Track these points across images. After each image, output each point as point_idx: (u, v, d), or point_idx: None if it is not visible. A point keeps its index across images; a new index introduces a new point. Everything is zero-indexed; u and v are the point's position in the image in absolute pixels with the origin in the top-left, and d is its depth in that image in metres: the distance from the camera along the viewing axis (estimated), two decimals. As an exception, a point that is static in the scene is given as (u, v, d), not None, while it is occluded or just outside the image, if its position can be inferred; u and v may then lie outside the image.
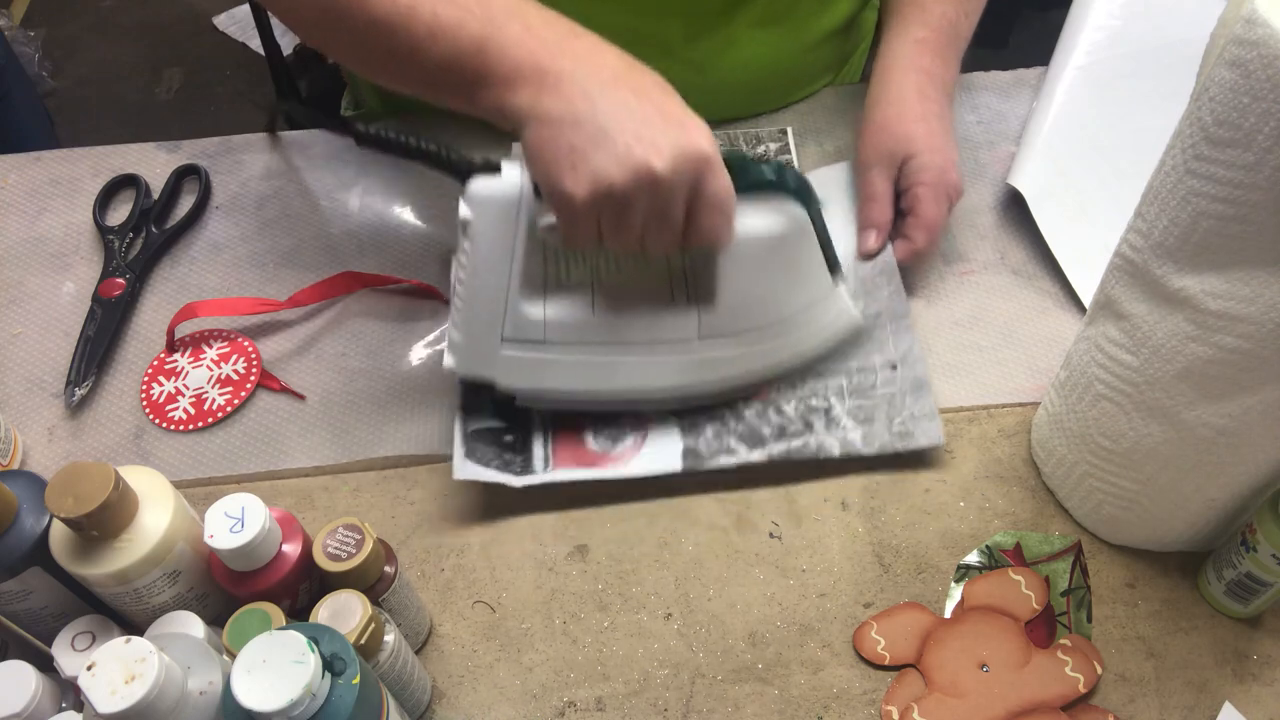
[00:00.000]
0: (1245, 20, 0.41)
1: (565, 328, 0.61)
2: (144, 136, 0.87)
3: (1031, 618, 0.58)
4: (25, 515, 0.50)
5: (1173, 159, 0.47)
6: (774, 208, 0.58)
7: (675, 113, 0.52)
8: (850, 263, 0.71)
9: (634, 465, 0.63)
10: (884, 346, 0.67)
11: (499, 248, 0.58)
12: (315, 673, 0.41)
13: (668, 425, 0.65)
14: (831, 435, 0.64)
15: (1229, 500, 0.56)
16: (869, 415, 0.65)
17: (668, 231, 0.54)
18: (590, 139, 0.50)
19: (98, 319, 0.73)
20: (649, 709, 0.56)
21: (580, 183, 0.51)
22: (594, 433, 0.64)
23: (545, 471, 0.63)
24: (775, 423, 0.65)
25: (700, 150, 0.51)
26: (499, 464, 0.63)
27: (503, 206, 0.57)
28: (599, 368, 0.62)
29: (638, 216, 0.52)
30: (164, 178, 0.83)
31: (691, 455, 0.64)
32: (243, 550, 0.49)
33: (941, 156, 0.68)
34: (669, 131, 0.51)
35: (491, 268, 0.58)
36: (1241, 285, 0.46)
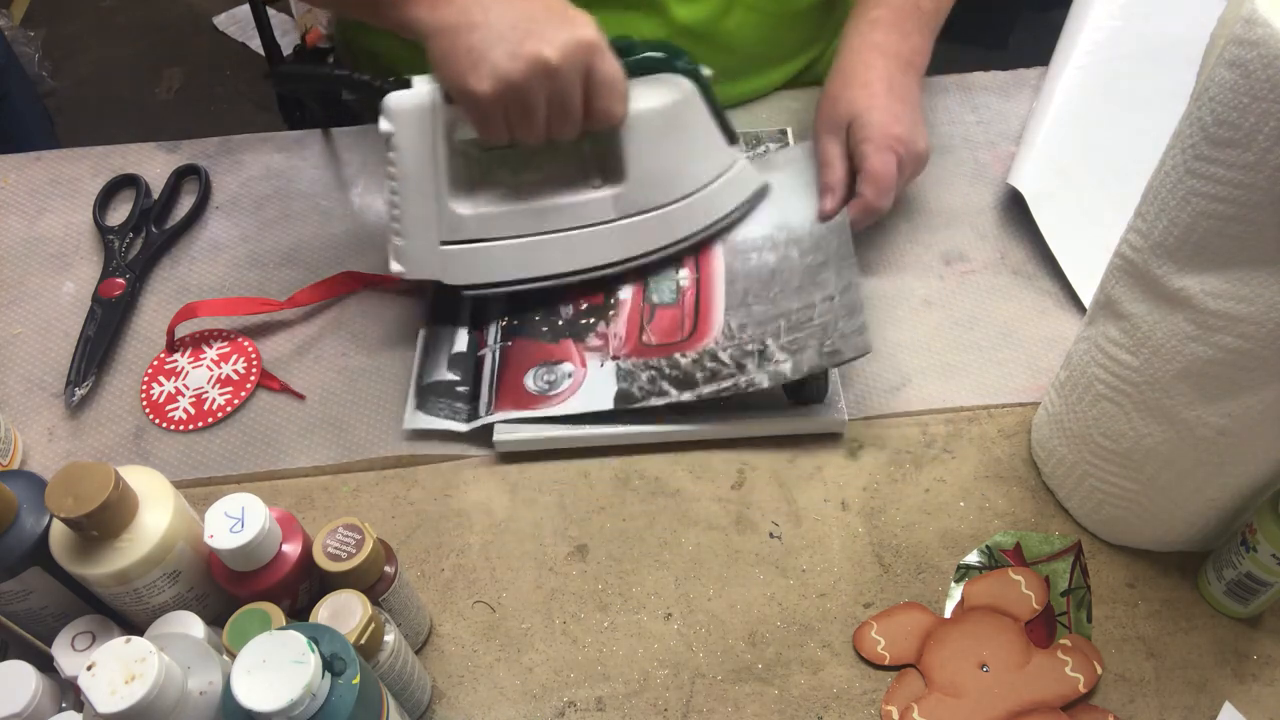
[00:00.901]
0: (1245, 20, 0.41)
1: (496, 221, 0.67)
2: (144, 136, 0.87)
3: (1031, 618, 0.58)
4: (25, 515, 0.50)
5: (1173, 159, 0.47)
6: (663, 83, 0.65)
7: (561, 9, 0.58)
8: (807, 225, 0.73)
9: (569, 405, 0.66)
10: (825, 285, 0.68)
11: (422, 155, 0.63)
12: (315, 673, 0.41)
13: (605, 372, 0.67)
14: (761, 371, 0.65)
15: (1229, 500, 0.56)
16: (801, 346, 0.65)
17: (569, 116, 0.60)
18: (487, 40, 0.57)
19: (98, 319, 0.73)
20: (649, 709, 0.57)
21: (483, 80, 0.57)
22: (534, 376, 0.68)
23: (486, 415, 0.66)
24: (709, 368, 0.66)
25: (587, 38, 0.57)
26: (449, 412, 0.67)
27: (418, 116, 0.62)
28: (532, 254, 0.68)
29: (539, 106, 0.58)
30: (164, 178, 0.83)
31: (623, 397, 0.66)
32: (243, 550, 0.49)
33: (883, 114, 0.70)
34: (558, 25, 0.57)
35: (418, 174, 0.64)
36: (1241, 285, 0.46)
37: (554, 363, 0.68)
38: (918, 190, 0.80)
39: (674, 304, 0.70)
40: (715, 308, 0.69)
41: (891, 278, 0.75)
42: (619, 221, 0.68)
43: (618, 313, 0.70)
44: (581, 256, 0.69)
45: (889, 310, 0.72)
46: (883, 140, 0.69)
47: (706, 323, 0.69)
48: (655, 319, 0.70)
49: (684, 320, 0.69)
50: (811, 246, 0.71)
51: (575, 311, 0.71)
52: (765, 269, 0.71)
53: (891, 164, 0.69)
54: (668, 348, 0.68)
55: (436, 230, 0.66)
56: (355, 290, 0.75)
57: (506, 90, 0.57)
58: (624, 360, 0.68)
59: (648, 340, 0.69)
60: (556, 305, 0.71)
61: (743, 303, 0.69)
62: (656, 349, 0.68)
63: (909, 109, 0.71)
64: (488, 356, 0.69)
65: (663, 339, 0.68)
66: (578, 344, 0.69)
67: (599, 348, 0.69)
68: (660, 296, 0.71)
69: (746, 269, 0.71)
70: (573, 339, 0.69)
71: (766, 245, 0.72)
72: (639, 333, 0.69)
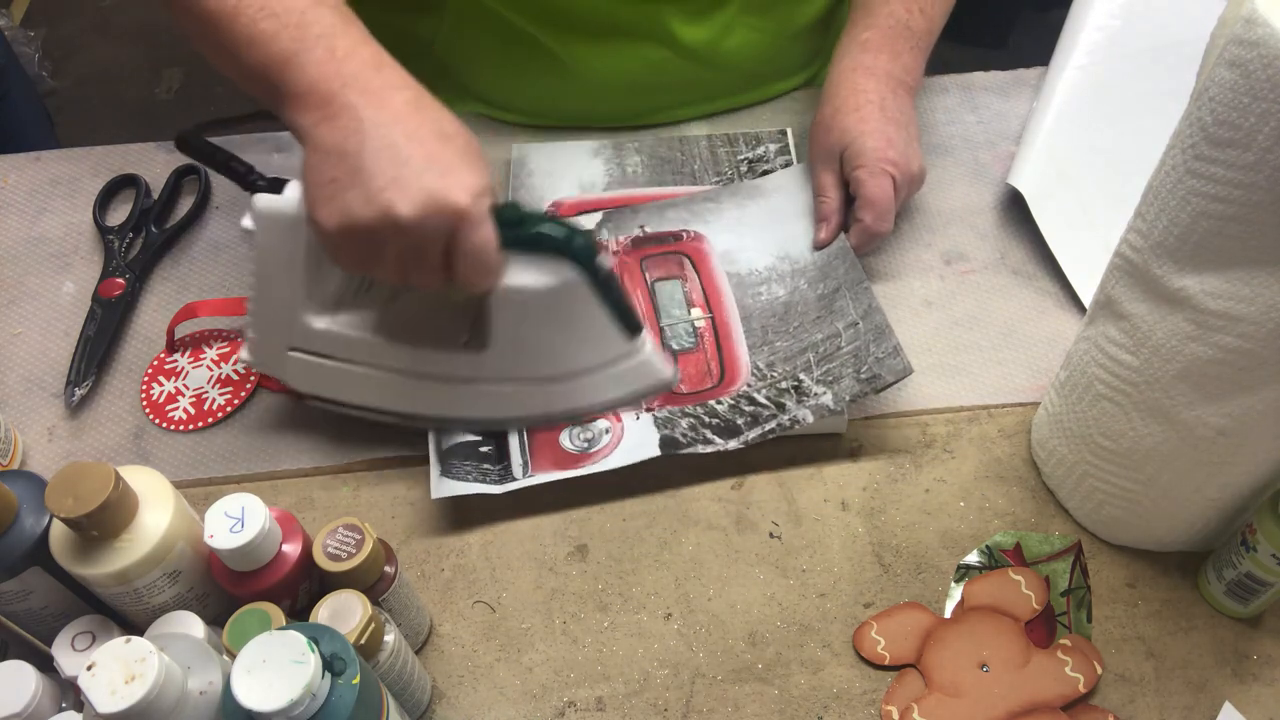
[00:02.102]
0: (1245, 20, 0.41)
1: (347, 344, 0.62)
2: (144, 136, 0.87)
3: (1031, 618, 0.58)
4: (25, 515, 0.50)
5: (1173, 159, 0.47)
6: (550, 265, 0.57)
7: (445, 160, 0.51)
8: (809, 254, 0.73)
9: (613, 460, 0.64)
10: (845, 313, 0.68)
11: (281, 261, 0.60)
12: (315, 673, 0.41)
13: (643, 424, 0.65)
14: (803, 407, 0.64)
15: (1229, 500, 0.56)
16: (837, 376, 0.65)
17: (425, 274, 0.53)
18: (348, 174, 0.51)
19: (98, 319, 0.73)
20: (649, 709, 0.56)
21: (330, 216, 0.51)
22: (570, 434, 0.65)
23: (525, 478, 0.63)
24: (749, 412, 0.65)
25: (451, 202, 0.50)
26: (476, 475, 0.63)
27: (282, 222, 0.58)
28: (379, 386, 0.63)
29: (387, 256, 0.52)
30: (164, 178, 0.83)
31: (668, 443, 0.64)
32: (243, 550, 0.49)
33: (876, 139, 0.70)
34: (426, 178, 0.50)
35: (276, 278, 0.61)
36: (1241, 285, 0.46)
37: (587, 422, 0.65)
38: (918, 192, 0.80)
39: (694, 349, 0.69)
40: (738, 349, 0.68)
41: (891, 278, 0.75)
42: (476, 384, 0.63)
43: None
44: (431, 404, 0.64)
45: (889, 310, 0.72)
46: (877, 165, 0.69)
47: (733, 366, 0.67)
48: (679, 365, 0.68)
49: (709, 365, 0.68)
50: (819, 276, 0.71)
51: None
52: (778, 303, 0.70)
53: (888, 188, 0.69)
54: (700, 395, 0.66)
55: (285, 335, 0.63)
56: (355, 290, 0.75)
57: (351, 232, 0.51)
58: (659, 410, 0.66)
59: (678, 389, 0.67)
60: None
61: (764, 340, 0.68)
62: (689, 397, 0.66)
63: (901, 131, 0.71)
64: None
65: (693, 386, 0.67)
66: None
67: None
68: (679, 343, 0.69)
69: (759, 305, 0.70)
70: None
71: (773, 277, 0.72)
72: None
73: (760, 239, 0.74)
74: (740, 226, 0.75)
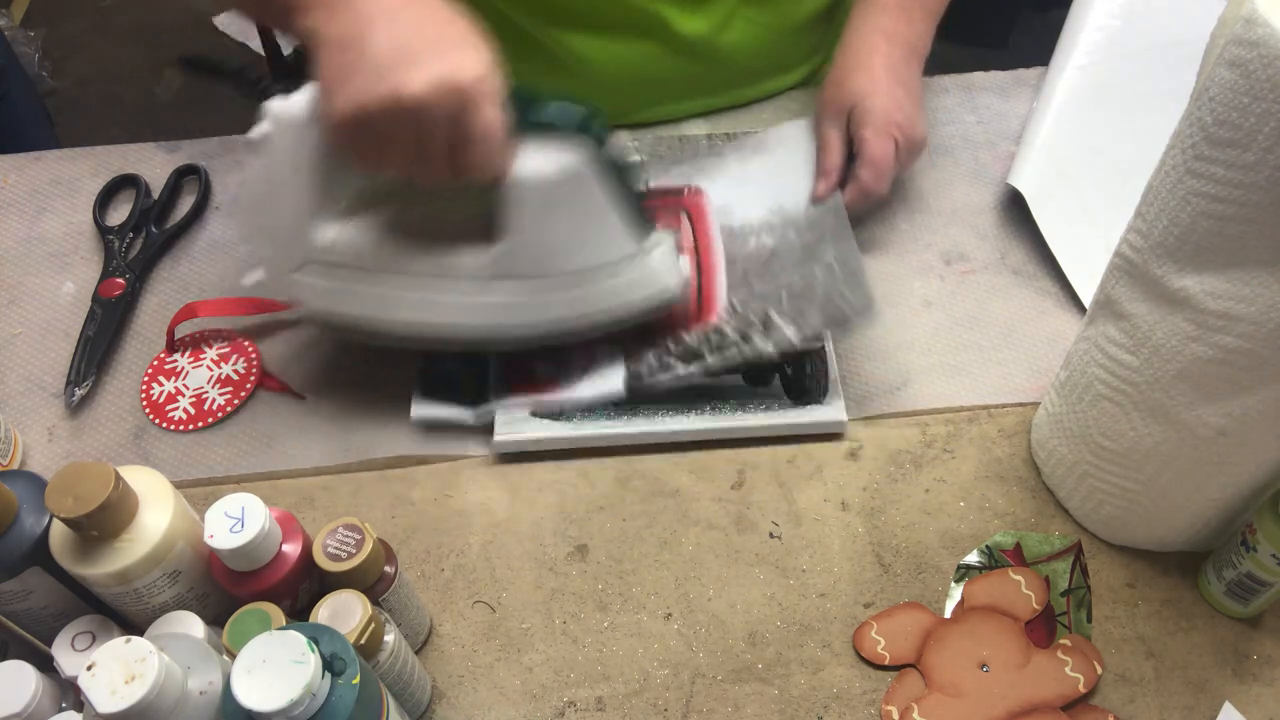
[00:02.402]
0: (1245, 20, 0.41)
1: (359, 252, 0.61)
2: (144, 136, 0.87)
3: (1031, 618, 0.58)
4: (25, 515, 0.50)
5: (1173, 159, 0.47)
6: (563, 150, 0.56)
7: (450, 41, 0.52)
8: (802, 207, 0.73)
9: (579, 390, 0.66)
10: (822, 257, 0.68)
11: (294, 167, 0.59)
12: (315, 673, 0.41)
13: (613, 355, 0.67)
14: (767, 340, 0.64)
15: (1229, 500, 0.56)
16: (803, 311, 0.65)
17: (431, 160, 0.53)
18: (355, 63, 0.51)
19: (98, 319, 0.73)
20: (649, 709, 0.56)
21: (341, 105, 0.51)
22: (542, 365, 0.67)
23: (494, 401, 0.66)
24: (713, 340, 0.66)
25: (462, 80, 0.50)
26: (453, 401, 0.66)
27: (295, 127, 0.57)
28: (391, 298, 0.62)
29: (395, 143, 0.52)
30: (164, 178, 0.83)
31: (633, 377, 0.66)
32: (243, 550, 0.49)
33: (884, 100, 0.71)
34: (433, 59, 0.50)
35: (288, 187, 0.60)
36: (1241, 285, 0.46)
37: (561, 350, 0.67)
38: (918, 190, 0.80)
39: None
40: (718, 290, 0.69)
41: (891, 278, 0.75)
42: (492, 287, 0.61)
43: None
44: (447, 314, 0.63)
45: (889, 310, 0.72)
46: (882, 126, 0.70)
47: (710, 304, 0.68)
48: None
49: (686, 306, 0.68)
50: (807, 226, 0.72)
51: None
52: (764, 250, 0.71)
53: (890, 150, 0.70)
54: (672, 329, 0.67)
55: (298, 248, 0.62)
56: (355, 290, 0.75)
57: (360, 119, 0.51)
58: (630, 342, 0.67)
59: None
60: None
61: (744, 282, 0.69)
62: (661, 330, 0.67)
63: (909, 95, 0.72)
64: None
65: (667, 322, 0.67)
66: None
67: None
68: None
69: (746, 252, 0.71)
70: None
71: (764, 229, 0.73)
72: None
73: (758, 193, 0.75)
74: (741, 182, 0.76)
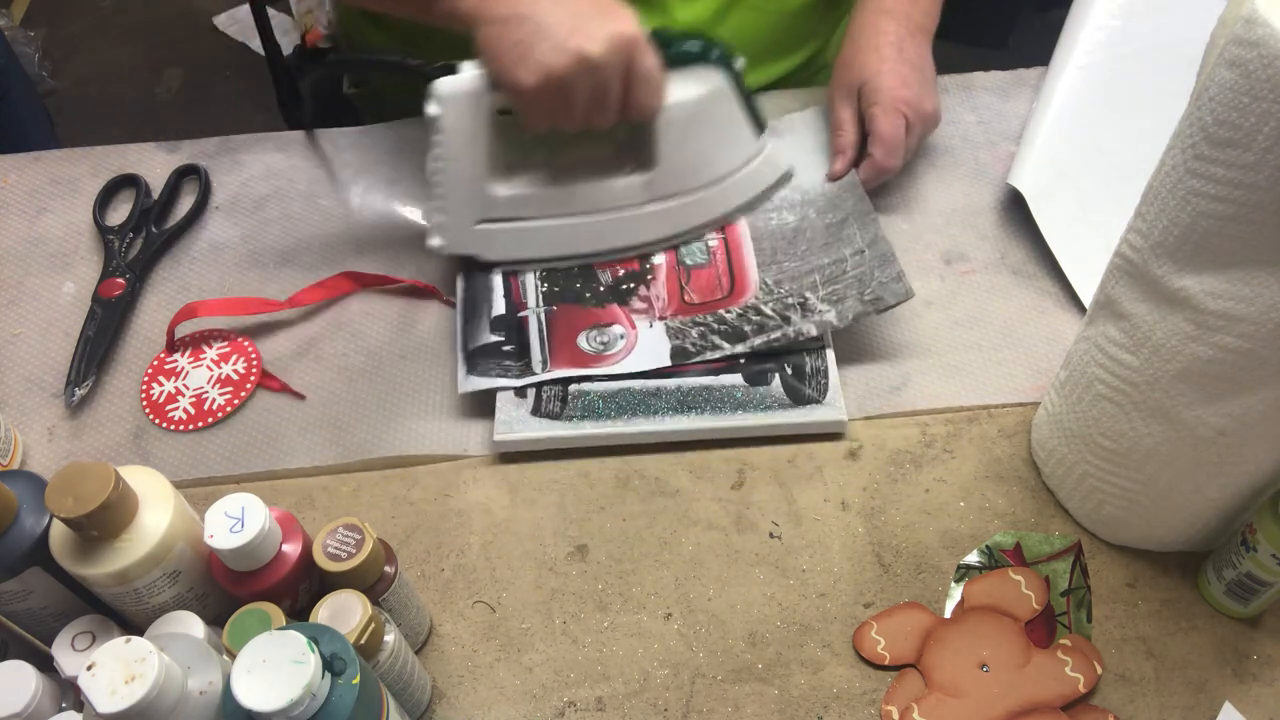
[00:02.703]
0: (1245, 20, 0.41)
1: (531, 202, 0.70)
2: (144, 136, 0.87)
3: (1031, 618, 0.58)
4: (25, 515, 0.50)
5: (1173, 159, 0.47)
6: (698, 76, 0.67)
7: (606, 4, 0.61)
8: (819, 186, 0.77)
9: (627, 364, 0.68)
10: (852, 240, 0.72)
11: (466, 138, 0.67)
12: (315, 673, 0.41)
13: (655, 332, 0.70)
14: (807, 321, 0.68)
15: (1229, 500, 0.56)
16: (841, 296, 0.69)
17: (607, 108, 0.62)
18: (533, 34, 0.59)
19: (98, 319, 0.73)
20: (649, 709, 0.57)
21: (529, 73, 0.59)
22: (586, 337, 0.70)
23: (543, 373, 0.68)
24: (755, 321, 0.69)
25: (629, 34, 0.60)
26: (499, 372, 0.68)
27: (465, 100, 0.65)
28: (564, 234, 0.72)
29: (581, 98, 0.61)
30: (164, 178, 0.83)
31: (679, 353, 0.68)
32: (243, 550, 0.49)
33: (891, 77, 0.73)
34: (601, 21, 0.59)
35: (461, 156, 0.67)
36: (1241, 285, 0.46)
37: (604, 325, 0.70)
38: (918, 190, 0.80)
39: (707, 264, 0.73)
40: (748, 265, 0.73)
41: (891, 278, 0.75)
42: (648, 206, 0.71)
43: (655, 276, 0.73)
44: (611, 238, 0.72)
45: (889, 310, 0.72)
46: (891, 103, 0.72)
47: (743, 280, 0.72)
48: (692, 280, 0.72)
49: (720, 279, 0.72)
50: (827, 206, 0.75)
51: (614, 277, 0.73)
52: (788, 228, 0.74)
53: (900, 126, 0.72)
54: (710, 305, 0.71)
55: (475, 209, 0.70)
56: (355, 290, 0.75)
57: (550, 83, 0.59)
58: (671, 320, 0.70)
59: (690, 299, 0.71)
60: (594, 272, 0.73)
61: (773, 260, 0.73)
62: (700, 307, 0.71)
63: (917, 72, 0.74)
64: (531, 319, 0.71)
65: (704, 297, 0.71)
66: (623, 308, 0.71)
67: (644, 310, 0.71)
68: (693, 259, 0.74)
69: (769, 228, 0.75)
70: (617, 303, 0.72)
71: (784, 205, 0.76)
72: (680, 293, 0.72)
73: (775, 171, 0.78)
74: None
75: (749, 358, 0.68)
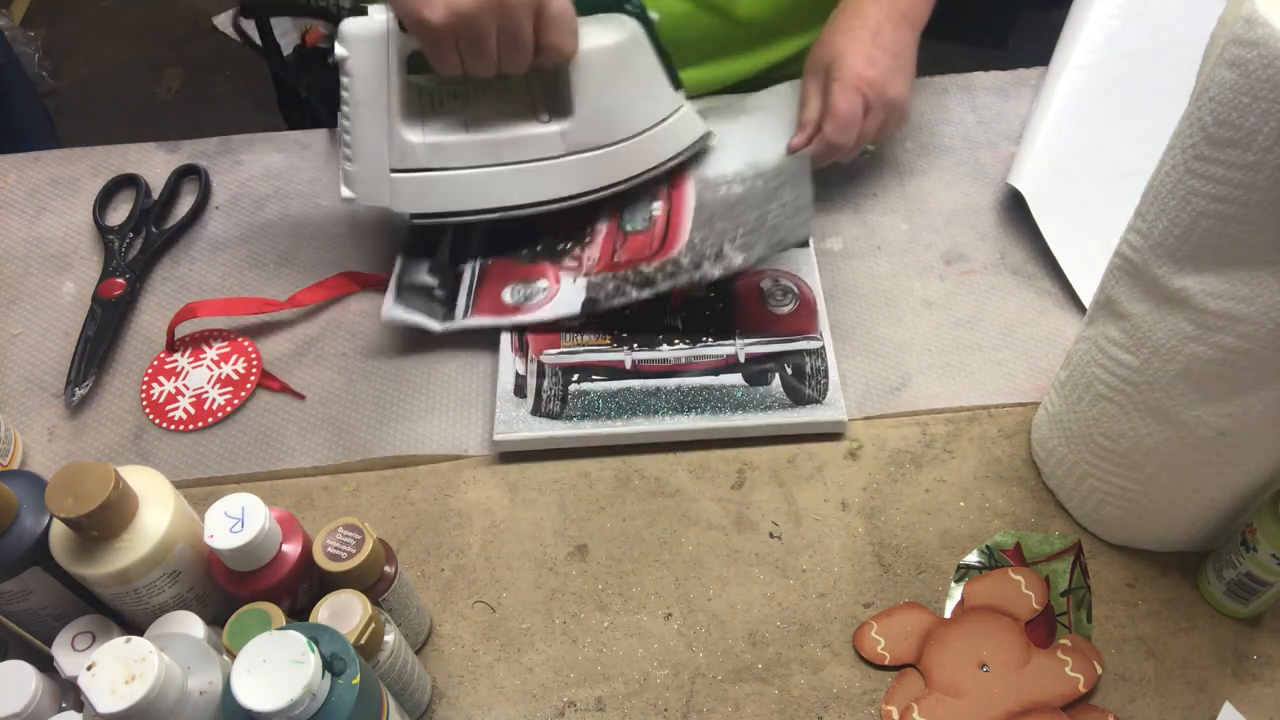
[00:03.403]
0: (1245, 20, 0.41)
1: (445, 151, 0.69)
2: (144, 136, 0.87)
3: (1031, 618, 0.58)
4: (25, 515, 0.50)
5: (1173, 159, 0.47)
6: (611, 22, 0.67)
7: None
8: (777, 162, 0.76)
9: (541, 313, 0.70)
10: (780, 196, 0.72)
11: (375, 82, 0.66)
12: (315, 673, 0.41)
13: (576, 286, 0.71)
14: (716, 266, 0.68)
15: (1229, 500, 0.56)
16: (752, 244, 0.69)
17: (518, 49, 0.61)
18: None
19: (98, 319, 0.73)
20: (649, 709, 0.57)
21: (436, 10, 0.58)
22: (511, 290, 0.72)
23: (464, 319, 0.70)
24: (669, 270, 0.70)
25: None
26: (425, 312, 0.70)
27: (373, 42, 0.64)
28: (479, 186, 0.70)
29: (490, 38, 0.60)
30: (164, 178, 0.83)
31: (590, 303, 0.70)
32: (243, 550, 0.49)
33: (857, 58, 0.72)
34: None
35: (371, 101, 0.66)
36: (1241, 285, 0.46)
37: (531, 280, 0.72)
38: (918, 190, 0.80)
39: (645, 230, 0.74)
40: (682, 229, 0.73)
41: (891, 278, 0.75)
42: (565, 158, 0.70)
43: (593, 240, 0.74)
44: (527, 190, 0.71)
45: (889, 310, 0.72)
46: (851, 81, 0.71)
47: (673, 241, 0.72)
48: (627, 243, 0.73)
49: (653, 242, 0.73)
50: (774, 175, 0.75)
51: (554, 237, 0.74)
52: (733, 197, 0.75)
53: (856, 104, 0.71)
54: (635, 263, 0.72)
55: (387, 157, 0.68)
56: (355, 290, 0.75)
57: (458, 21, 0.59)
58: (594, 276, 0.72)
59: (618, 259, 0.72)
60: (537, 233, 0.74)
61: (708, 224, 0.73)
62: (625, 264, 0.72)
63: (889, 57, 0.73)
64: (466, 270, 0.73)
65: (632, 256, 0.72)
66: (554, 265, 0.73)
67: (573, 268, 0.73)
68: (634, 225, 0.74)
69: (716, 199, 0.75)
70: (550, 261, 0.73)
71: (736, 180, 0.76)
72: (611, 254, 0.73)
73: (737, 149, 0.78)
74: (721, 139, 0.79)
75: (749, 359, 0.68)
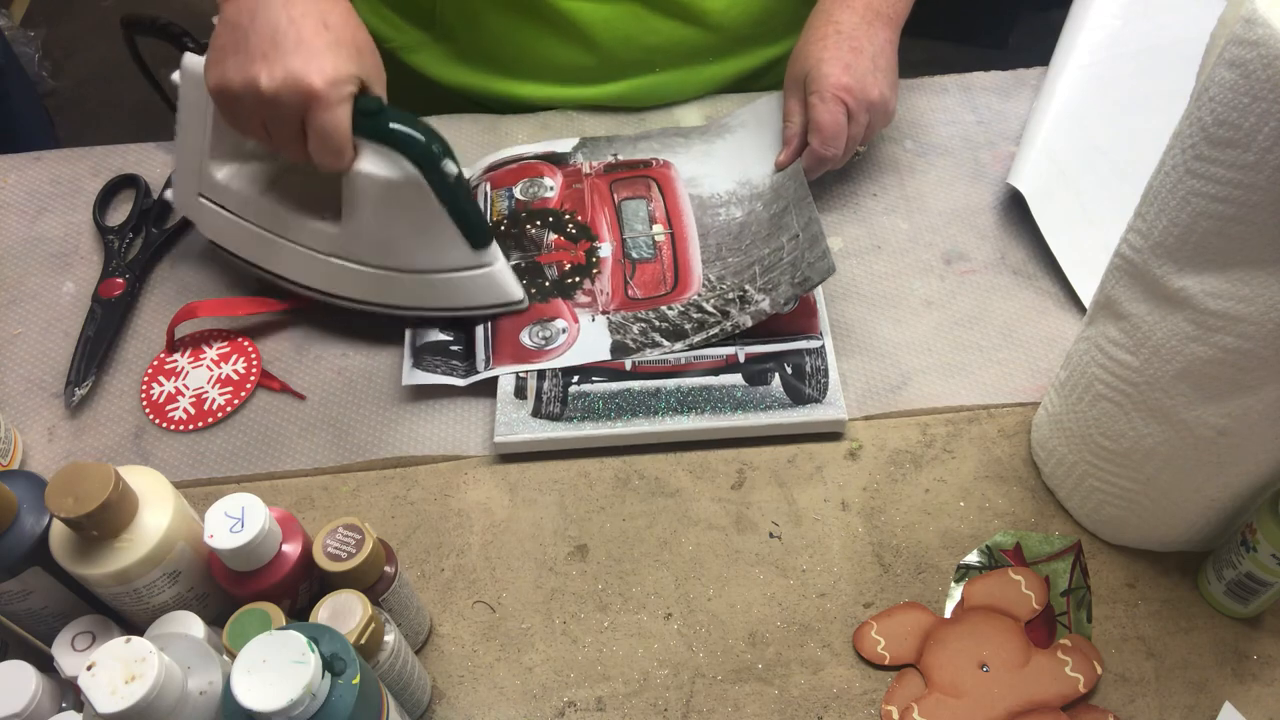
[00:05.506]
0: (1245, 20, 0.41)
1: (238, 199, 0.71)
2: (144, 136, 0.87)
3: (1031, 618, 0.58)
4: (25, 515, 0.50)
5: (1173, 159, 0.47)
6: (400, 160, 0.63)
7: (314, 46, 0.59)
8: (767, 179, 0.77)
9: (567, 358, 0.68)
10: (789, 227, 0.72)
11: (197, 113, 0.69)
12: (315, 673, 0.41)
13: (597, 326, 0.70)
14: (744, 314, 0.69)
15: (1229, 500, 0.56)
16: (776, 283, 0.69)
17: (286, 142, 0.62)
18: (234, 45, 0.60)
19: (98, 319, 0.73)
20: (649, 709, 0.57)
21: (212, 77, 0.61)
22: (529, 332, 0.70)
23: (486, 370, 0.68)
24: (696, 319, 0.70)
25: (305, 83, 0.58)
26: (445, 369, 0.69)
27: (198, 80, 0.66)
28: (263, 245, 0.71)
29: (252, 121, 0.62)
30: (164, 178, 0.83)
31: (619, 349, 0.69)
32: (243, 550, 0.49)
33: (832, 65, 0.72)
34: (292, 58, 0.58)
35: (192, 128, 0.70)
36: (1241, 285, 0.46)
37: (547, 320, 0.70)
38: (918, 190, 0.80)
39: (653, 259, 0.73)
40: (693, 261, 0.73)
41: (891, 278, 0.75)
42: (335, 259, 0.69)
43: (600, 270, 0.73)
44: (301, 271, 0.71)
45: (889, 310, 0.72)
46: (829, 91, 0.71)
47: (687, 276, 0.72)
48: (637, 274, 0.73)
49: (665, 274, 0.72)
50: (773, 197, 0.75)
51: (560, 272, 0.73)
52: (734, 224, 0.75)
53: (838, 114, 0.71)
54: (654, 300, 0.71)
55: (195, 180, 0.72)
56: (355, 290, 0.75)
57: (224, 96, 0.61)
58: (614, 314, 0.70)
59: (633, 294, 0.71)
60: (540, 266, 0.73)
61: (718, 256, 0.73)
62: (643, 302, 0.71)
63: (863, 59, 0.73)
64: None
65: (648, 292, 0.71)
66: (567, 302, 0.71)
67: (588, 304, 0.71)
68: (639, 253, 0.74)
69: (717, 224, 0.75)
70: (561, 297, 0.72)
71: (732, 200, 0.76)
72: (624, 288, 0.72)
73: (726, 167, 0.79)
74: (707, 157, 0.80)
75: (749, 359, 0.68)
